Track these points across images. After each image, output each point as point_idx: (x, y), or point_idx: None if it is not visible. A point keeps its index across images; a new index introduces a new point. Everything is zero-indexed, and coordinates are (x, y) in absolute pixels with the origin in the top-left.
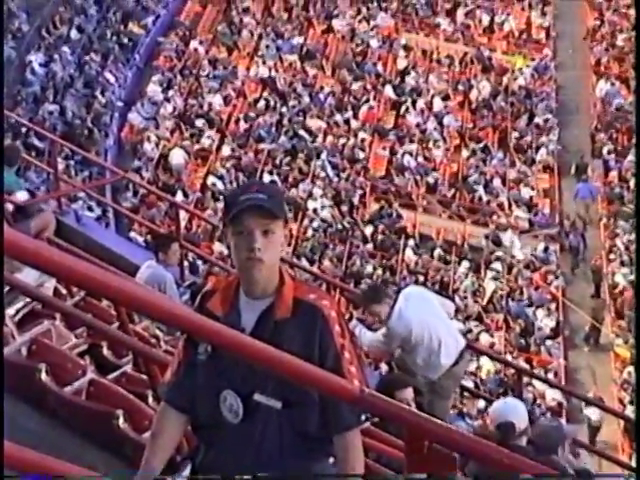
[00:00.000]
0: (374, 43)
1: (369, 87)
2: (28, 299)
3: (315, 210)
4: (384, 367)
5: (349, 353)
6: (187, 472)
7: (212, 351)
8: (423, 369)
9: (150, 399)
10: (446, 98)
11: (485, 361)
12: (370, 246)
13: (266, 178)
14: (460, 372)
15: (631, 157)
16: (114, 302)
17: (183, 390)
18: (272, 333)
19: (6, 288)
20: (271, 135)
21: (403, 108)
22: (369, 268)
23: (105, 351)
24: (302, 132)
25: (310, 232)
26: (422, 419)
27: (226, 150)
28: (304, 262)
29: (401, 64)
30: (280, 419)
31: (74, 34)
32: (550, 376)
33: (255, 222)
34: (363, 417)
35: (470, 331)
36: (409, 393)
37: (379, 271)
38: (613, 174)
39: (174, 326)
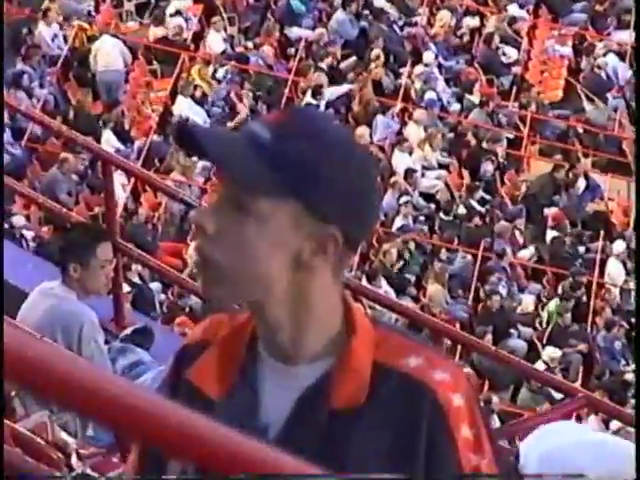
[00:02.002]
0: None
1: None
2: None
3: (410, 174)
4: None
5: None
6: None
7: (197, 472)
8: None
9: None
10: None
11: None
12: (529, 253)
13: (302, 103)
14: None
15: None
16: None
17: None
18: (325, 436)
19: None
20: (313, 10)
21: None
22: (527, 302)
23: None
24: (381, 2)
25: (398, 222)
26: None
27: (215, 42)
28: (385, 288)
29: None
30: None
31: None
32: None
33: (224, 183)
34: None
35: None
36: None
37: (550, 309)
38: None
39: (100, 422)
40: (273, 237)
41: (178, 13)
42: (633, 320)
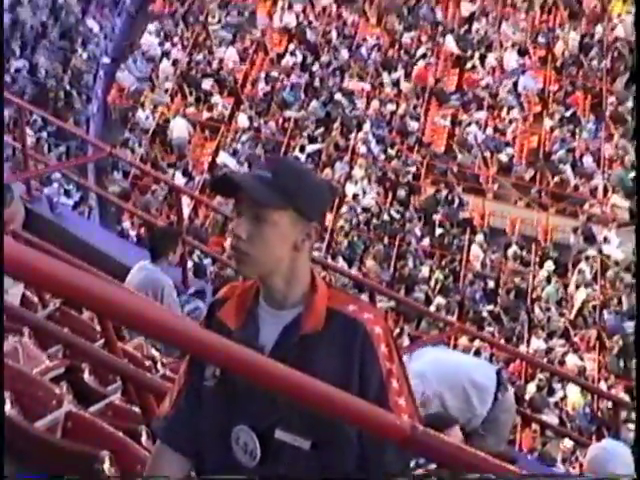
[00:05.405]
0: None
1: (424, 38)
2: None
3: (355, 196)
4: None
5: (397, 381)
6: None
7: (222, 376)
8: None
9: (143, 437)
10: (523, 53)
11: (573, 391)
12: (426, 242)
13: (291, 156)
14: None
15: None
16: (98, 314)
17: (184, 426)
18: (298, 351)
19: None
20: (299, 100)
21: (468, 65)
22: (424, 271)
23: (86, 376)
24: (339, 96)
25: (348, 224)
26: (496, 466)
27: (242, 120)
28: (341, 263)
29: (466, 9)
30: (308, 462)
31: None
32: None
33: (245, 205)
34: (412, 463)
35: (551, 351)
36: (457, 432)
37: (438, 274)
38: None
39: (172, 344)
40: (281, 235)
41: (220, 103)
42: (488, 281)
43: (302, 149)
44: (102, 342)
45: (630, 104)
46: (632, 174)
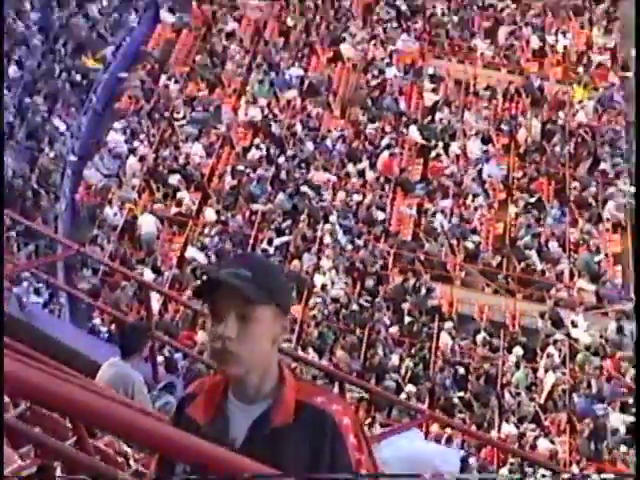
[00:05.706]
0: (394, 73)
1: (389, 129)
2: None
3: (324, 287)
4: None
5: (367, 471)
6: None
7: (192, 470)
8: None
9: None
10: (487, 141)
11: (545, 475)
12: (395, 331)
13: (260, 249)
14: None
15: None
16: (67, 416)
17: None
18: (269, 444)
19: None
20: (266, 193)
21: (433, 154)
22: (394, 359)
23: (58, 475)
24: (305, 188)
25: (318, 315)
26: None
27: (209, 214)
28: (311, 354)
29: (429, 99)
30: None
31: (13, 71)
32: None
33: (229, 304)
34: None
35: (523, 436)
36: None
37: (408, 362)
38: None
39: (141, 444)
40: (265, 331)
41: (187, 198)
42: (458, 368)
43: (270, 242)
44: (73, 440)
45: (593, 189)
46: (597, 257)
